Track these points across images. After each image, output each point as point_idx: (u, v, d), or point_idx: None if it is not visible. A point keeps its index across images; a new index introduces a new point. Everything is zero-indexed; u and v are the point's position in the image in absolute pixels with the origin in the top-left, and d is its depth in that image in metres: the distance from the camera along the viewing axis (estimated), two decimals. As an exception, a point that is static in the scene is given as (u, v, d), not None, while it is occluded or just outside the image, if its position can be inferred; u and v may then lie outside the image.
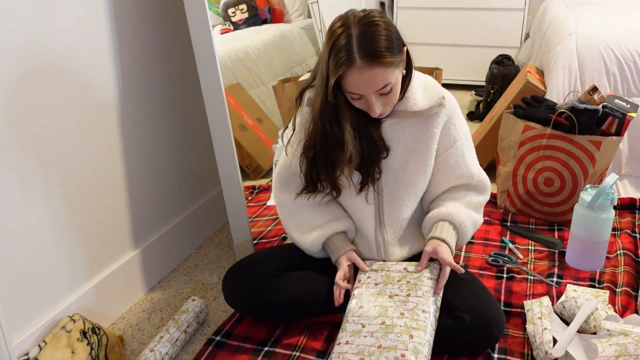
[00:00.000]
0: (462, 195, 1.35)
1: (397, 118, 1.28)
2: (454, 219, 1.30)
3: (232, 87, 1.77)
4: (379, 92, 1.17)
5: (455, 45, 3.65)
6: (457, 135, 1.33)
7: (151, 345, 1.31)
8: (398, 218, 1.36)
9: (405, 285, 1.27)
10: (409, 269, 1.31)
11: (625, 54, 2.05)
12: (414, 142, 1.31)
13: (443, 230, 1.30)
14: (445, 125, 1.31)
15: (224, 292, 1.40)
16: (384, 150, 1.30)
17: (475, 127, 2.80)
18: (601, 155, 1.77)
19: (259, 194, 1.83)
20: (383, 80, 1.15)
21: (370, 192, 1.34)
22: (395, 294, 1.26)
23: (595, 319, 1.32)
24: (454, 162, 1.34)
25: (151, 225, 1.66)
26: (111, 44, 1.42)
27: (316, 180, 1.32)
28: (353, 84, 1.15)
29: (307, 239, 1.38)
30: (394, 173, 1.32)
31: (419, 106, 1.27)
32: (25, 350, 1.22)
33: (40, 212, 1.26)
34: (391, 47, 1.13)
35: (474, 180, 1.36)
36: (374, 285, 1.30)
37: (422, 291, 1.24)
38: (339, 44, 1.12)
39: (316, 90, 1.23)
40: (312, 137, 1.27)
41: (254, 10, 1.98)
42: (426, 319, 1.19)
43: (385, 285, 1.29)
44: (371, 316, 1.22)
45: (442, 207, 1.33)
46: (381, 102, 1.19)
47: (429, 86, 1.31)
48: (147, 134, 1.59)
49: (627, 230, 1.80)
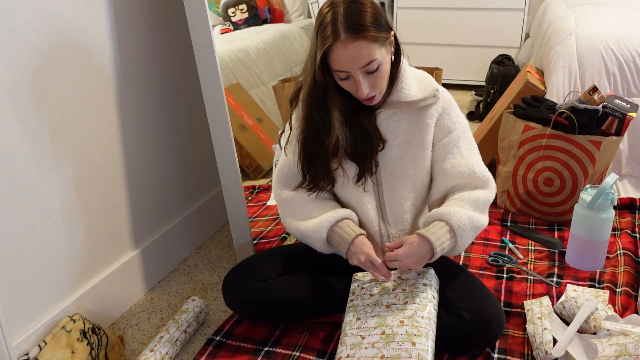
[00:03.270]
0: (467, 195, 1.29)
1: (392, 109, 1.29)
2: (452, 221, 1.23)
3: (232, 87, 1.78)
4: (365, 69, 1.17)
5: (455, 45, 3.65)
6: (452, 127, 1.31)
7: (151, 345, 1.31)
8: (399, 211, 1.35)
9: (402, 294, 1.25)
10: (402, 277, 1.29)
11: (625, 54, 2.05)
12: (409, 134, 1.31)
13: (433, 229, 1.24)
14: (440, 116, 1.31)
15: (224, 295, 1.40)
16: (379, 142, 1.30)
17: (475, 127, 2.80)
18: (601, 155, 1.77)
19: (259, 194, 1.83)
20: (368, 55, 1.15)
21: (369, 183, 1.33)
22: (393, 302, 1.23)
23: (595, 319, 1.32)
24: (449, 153, 1.31)
25: (151, 225, 1.66)
26: (111, 44, 1.42)
27: (313, 173, 1.31)
28: (338, 59, 1.16)
29: (309, 225, 1.31)
30: (391, 166, 1.33)
31: (412, 97, 1.27)
32: (25, 350, 1.22)
33: (40, 212, 1.26)
34: (376, 23, 1.15)
35: (475, 174, 1.30)
36: (369, 296, 1.27)
37: (419, 298, 1.22)
38: (325, 22, 1.15)
39: (305, 71, 1.24)
40: (302, 122, 1.28)
41: (254, 10, 1.98)
42: (427, 325, 1.17)
43: (381, 295, 1.26)
44: (370, 327, 1.20)
45: (443, 207, 1.28)
46: (368, 82, 1.19)
47: (423, 80, 1.32)
48: (147, 134, 1.59)
49: (627, 230, 1.80)
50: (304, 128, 1.29)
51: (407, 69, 1.30)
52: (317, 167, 1.31)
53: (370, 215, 1.35)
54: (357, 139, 1.28)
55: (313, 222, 1.31)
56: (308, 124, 1.27)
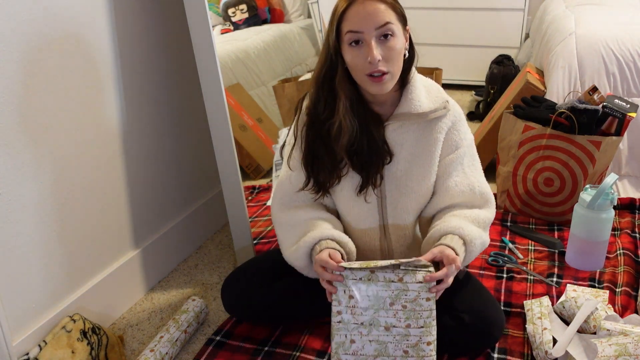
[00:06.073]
0: (468, 213, 1.25)
1: (401, 121, 1.24)
2: (464, 234, 1.19)
3: (232, 87, 1.77)
4: (380, 31, 1.13)
5: (455, 45, 3.65)
6: (460, 143, 1.28)
7: (151, 345, 1.31)
8: (402, 226, 1.31)
9: (402, 313, 1.11)
10: (402, 277, 1.12)
11: (625, 54, 2.05)
12: (417, 147, 1.26)
13: (453, 241, 1.18)
14: (449, 131, 1.27)
15: (223, 300, 1.40)
16: (386, 154, 1.25)
17: (475, 127, 2.80)
18: (601, 155, 1.77)
19: (259, 194, 1.83)
20: (383, 16, 1.13)
21: (371, 195, 1.28)
22: (393, 324, 1.11)
23: (595, 319, 1.32)
24: (453, 170, 1.27)
25: (151, 225, 1.66)
26: (111, 44, 1.42)
27: (317, 170, 1.25)
28: (354, 16, 1.13)
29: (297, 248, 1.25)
30: (397, 180, 1.27)
31: (422, 108, 1.23)
32: (26, 350, 1.22)
33: (40, 212, 1.26)
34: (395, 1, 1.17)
35: (474, 193, 1.27)
36: (361, 312, 1.11)
37: (422, 319, 1.11)
38: None
39: (320, 52, 1.23)
40: (309, 105, 1.25)
41: (254, 11, 1.98)
42: (432, 351, 1.12)
43: (376, 311, 1.11)
44: (369, 354, 1.11)
45: (450, 222, 1.22)
46: (381, 51, 1.14)
47: (432, 89, 1.28)
48: (147, 134, 1.59)
49: (627, 230, 1.80)
50: (310, 111, 1.24)
51: (416, 77, 1.26)
52: (322, 160, 1.24)
53: (372, 231, 1.31)
54: (364, 147, 1.23)
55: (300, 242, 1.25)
56: (314, 106, 1.23)
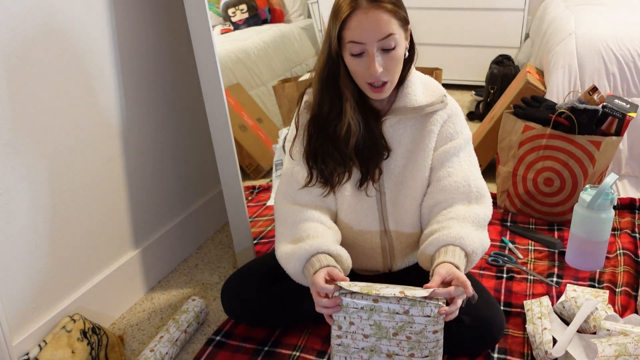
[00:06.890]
0: (466, 212, 1.21)
1: (398, 116, 1.25)
2: (466, 246, 1.15)
3: (232, 87, 1.78)
4: (382, 43, 1.13)
5: (455, 45, 3.65)
6: (454, 135, 1.27)
7: (151, 345, 1.31)
8: (402, 224, 1.31)
9: (406, 343, 1.05)
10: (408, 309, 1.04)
11: (625, 54, 2.05)
12: (413, 142, 1.27)
13: (455, 256, 1.14)
14: (445, 123, 1.27)
15: (223, 305, 1.40)
16: (384, 150, 1.26)
17: (475, 127, 2.80)
18: (601, 155, 1.77)
19: (259, 194, 1.83)
20: (386, 27, 1.12)
21: (371, 188, 1.28)
22: (395, 352, 1.07)
23: (595, 319, 1.32)
24: (447, 161, 1.25)
25: (151, 225, 1.66)
26: (111, 44, 1.42)
27: (322, 165, 1.24)
28: (357, 27, 1.12)
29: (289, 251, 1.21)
30: (395, 177, 1.28)
31: (419, 102, 1.24)
32: (26, 350, 1.22)
33: (41, 212, 1.26)
34: (397, 3, 1.15)
35: (470, 187, 1.24)
36: (362, 337, 1.07)
37: (428, 349, 1.06)
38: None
39: (320, 51, 1.22)
40: (313, 101, 1.24)
41: (254, 11, 1.98)
42: None
43: (378, 339, 1.07)
44: None
45: (451, 229, 1.17)
46: (382, 61, 1.15)
47: (430, 86, 1.29)
48: (147, 134, 1.59)
49: (627, 230, 1.80)
50: (314, 113, 1.24)
51: (414, 73, 1.27)
52: (328, 155, 1.23)
53: (372, 229, 1.30)
54: (365, 141, 1.23)
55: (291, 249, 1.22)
56: (319, 108, 1.22)
